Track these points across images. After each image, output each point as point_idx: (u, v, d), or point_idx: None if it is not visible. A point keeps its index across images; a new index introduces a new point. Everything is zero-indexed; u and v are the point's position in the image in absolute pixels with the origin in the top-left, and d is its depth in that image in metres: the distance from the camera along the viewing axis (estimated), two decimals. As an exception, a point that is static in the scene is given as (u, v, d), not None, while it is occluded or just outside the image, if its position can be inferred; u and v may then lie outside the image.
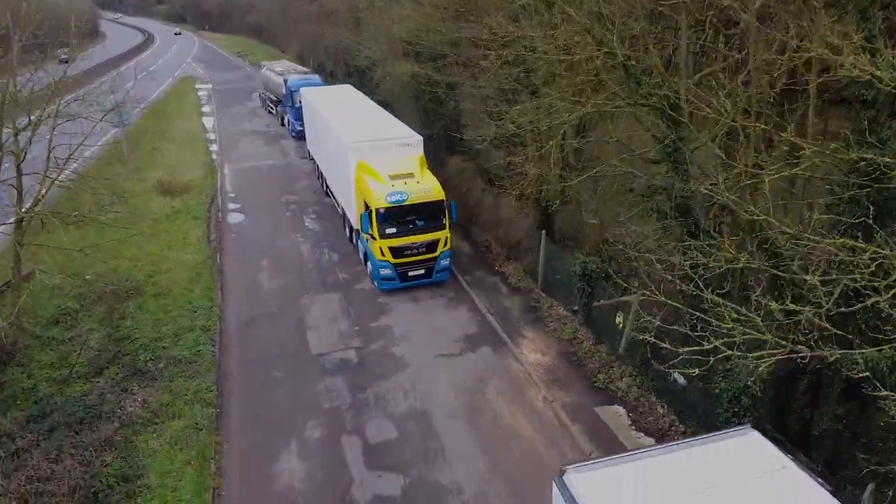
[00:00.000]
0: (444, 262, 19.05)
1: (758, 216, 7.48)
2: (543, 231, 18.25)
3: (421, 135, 20.67)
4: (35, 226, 16.52)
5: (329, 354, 15.98)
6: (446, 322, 17.43)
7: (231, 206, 26.68)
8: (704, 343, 6.89)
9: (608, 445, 12.57)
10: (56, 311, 17.28)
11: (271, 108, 44.10)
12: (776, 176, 7.96)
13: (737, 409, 11.46)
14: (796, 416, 12.67)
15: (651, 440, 12.72)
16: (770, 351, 6.45)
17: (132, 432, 13.02)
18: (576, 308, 16.72)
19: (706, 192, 8.56)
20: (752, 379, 7.22)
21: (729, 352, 6.70)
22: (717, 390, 11.81)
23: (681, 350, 7.25)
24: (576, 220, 21.19)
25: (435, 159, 22.90)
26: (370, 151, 19.43)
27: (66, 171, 15.36)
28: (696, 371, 7.09)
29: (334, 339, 16.61)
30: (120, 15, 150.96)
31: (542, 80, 16.31)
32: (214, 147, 36.18)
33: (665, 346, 7.99)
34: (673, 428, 12.97)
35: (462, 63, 22.60)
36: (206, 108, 48.12)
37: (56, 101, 15.67)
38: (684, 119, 10.51)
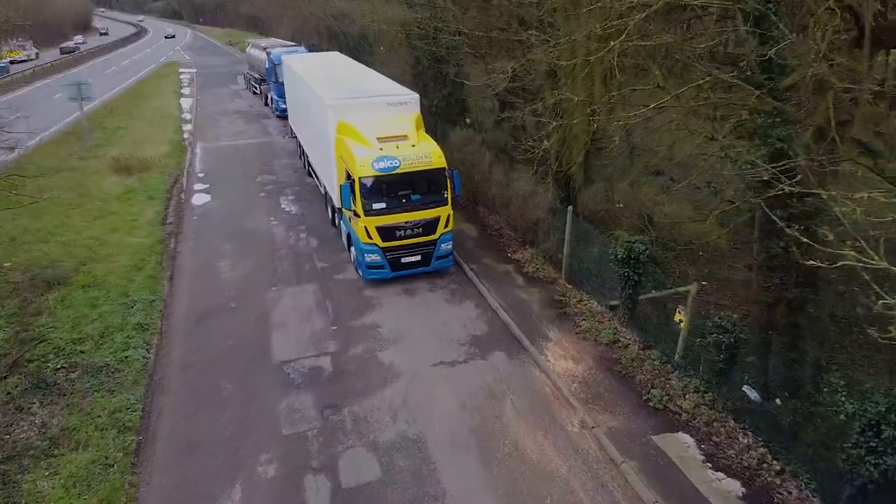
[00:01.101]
0: (446, 247, 15.39)
1: None
2: (569, 207, 14.59)
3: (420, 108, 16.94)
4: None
5: (296, 361, 12.35)
6: (448, 320, 13.80)
7: (198, 186, 23.02)
8: None
9: (677, 491, 8.96)
10: (-46, 305, 13.72)
11: (255, 87, 40.67)
12: None
13: (874, 445, 7.87)
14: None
15: (737, 483, 9.09)
16: None
17: (18, 468, 9.53)
18: (614, 303, 13.09)
19: None
20: None
21: None
22: (841, 416, 8.23)
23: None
24: (601, 198, 17.66)
25: (435, 133, 19.33)
26: (354, 110, 15.78)
27: None
28: None
29: (304, 342, 12.98)
30: (143, 17, 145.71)
31: None
32: (188, 126, 32.49)
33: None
34: (764, 465, 9.34)
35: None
36: (185, 90, 44.51)
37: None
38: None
